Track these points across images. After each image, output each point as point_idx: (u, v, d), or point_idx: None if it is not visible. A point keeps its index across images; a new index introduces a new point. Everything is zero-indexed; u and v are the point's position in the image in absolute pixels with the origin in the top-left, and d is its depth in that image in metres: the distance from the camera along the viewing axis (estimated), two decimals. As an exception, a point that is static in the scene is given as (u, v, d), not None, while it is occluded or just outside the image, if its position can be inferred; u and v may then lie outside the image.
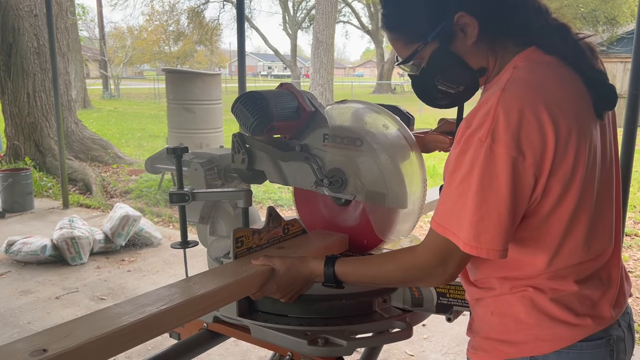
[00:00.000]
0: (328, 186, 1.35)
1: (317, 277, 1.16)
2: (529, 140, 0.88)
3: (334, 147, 1.35)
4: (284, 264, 1.18)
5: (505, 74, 0.98)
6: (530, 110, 0.89)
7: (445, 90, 1.06)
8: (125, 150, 9.10)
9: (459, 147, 0.93)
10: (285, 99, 1.39)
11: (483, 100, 0.95)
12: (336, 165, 1.35)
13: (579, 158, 0.93)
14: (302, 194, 1.51)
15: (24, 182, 5.71)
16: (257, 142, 1.44)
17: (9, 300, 3.49)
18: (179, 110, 5.72)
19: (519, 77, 0.94)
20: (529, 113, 0.89)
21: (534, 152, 0.89)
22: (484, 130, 0.89)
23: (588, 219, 0.99)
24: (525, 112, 0.89)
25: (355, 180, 1.34)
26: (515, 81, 0.94)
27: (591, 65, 1.01)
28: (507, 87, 0.92)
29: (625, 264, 4.17)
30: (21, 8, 6.80)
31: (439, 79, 1.05)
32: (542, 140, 0.89)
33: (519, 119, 0.89)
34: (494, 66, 1.03)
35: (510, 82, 0.94)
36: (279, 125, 1.37)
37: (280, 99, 1.38)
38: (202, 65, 34.46)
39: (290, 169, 1.42)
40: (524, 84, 0.93)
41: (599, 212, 1.01)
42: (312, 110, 1.41)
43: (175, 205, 1.45)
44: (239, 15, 4.16)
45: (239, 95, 1.43)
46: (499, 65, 1.03)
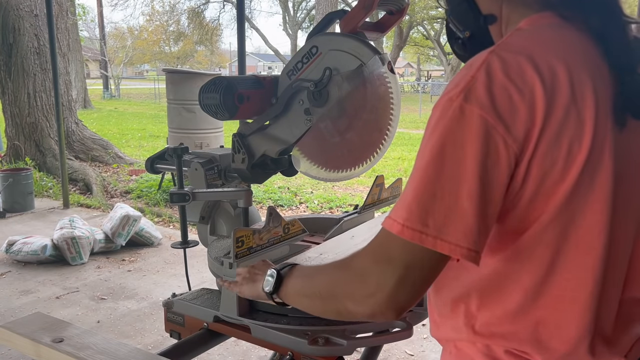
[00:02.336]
0: (315, 100, 1.34)
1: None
2: (512, 112, 0.68)
3: (302, 72, 1.36)
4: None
5: (506, 37, 0.80)
6: (520, 82, 0.69)
7: (455, 32, 0.92)
8: (126, 150, 9.11)
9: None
10: (240, 77, 1.42)
11: (468, 62, 0.77)
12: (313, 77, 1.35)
13: (574, 155, 0.70)
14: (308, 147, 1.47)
15: (25, 182, 5.71)
16: (245, 125, 1.44)
17: (9, 300, 3.49)
18: (179, 110, 5.72)
19: (513, 44, 0.75)
20: (517, 85, 0.69)
21: (517, 126, 0.68)
22: (457, 89, 0.70)
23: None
24: (514, 81, 0.69)
25: (335, 79, 1.33)
26: (508, 47, 0.74)
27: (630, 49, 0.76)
28: (496, 51, 0.73)
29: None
30: (21, 8, 6.80)
31: (450, 14, 0.93)
32: (529, 118, 0.69)
33: (504, 84, 0.69)
34: (506, 20, 0.85)
35: (501, 46, 0.74)
36: (247, 93, 1.38)
37: (235, 77, 1.41)
38: (203, 66, 34.47)
39: (282, 127, 1.41)
40: (516, 53, 0.72)
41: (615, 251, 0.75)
42: (271, 77, 1.43)
43: (176, 205, 1.45)
44: (239, 16, 4.16)
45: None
46: (510, 26, 0.85)
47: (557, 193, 0.71)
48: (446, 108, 0.70)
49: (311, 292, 0.92)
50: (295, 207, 5.92)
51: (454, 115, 0.69)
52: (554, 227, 0.72)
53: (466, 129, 0.68)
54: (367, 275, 0.75)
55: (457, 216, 0.68)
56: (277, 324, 1.26)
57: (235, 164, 1.48)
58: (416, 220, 0.69)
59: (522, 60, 0.71)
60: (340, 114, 1.43)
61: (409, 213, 0.70)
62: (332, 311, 0.88)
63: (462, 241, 0.68)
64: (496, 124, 0.68)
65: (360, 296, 0.77)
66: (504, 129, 0.68)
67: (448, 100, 0.70)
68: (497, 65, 0.71)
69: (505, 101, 0.68)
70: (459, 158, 0.68)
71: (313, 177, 1.48)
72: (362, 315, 0.80)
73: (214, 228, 1.64)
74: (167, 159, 1.66)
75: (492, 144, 0.68)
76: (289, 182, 6.72)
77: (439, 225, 0.68)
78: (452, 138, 0.69)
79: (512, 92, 0.69)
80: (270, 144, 1.43)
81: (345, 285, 0.81)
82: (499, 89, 0.69)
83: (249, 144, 1.44)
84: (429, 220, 0.69)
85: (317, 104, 1.34)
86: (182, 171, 1.49)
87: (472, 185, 0.68)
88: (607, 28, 0.76)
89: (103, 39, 26.58)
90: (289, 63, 1.38)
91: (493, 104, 0.68)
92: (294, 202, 6.04)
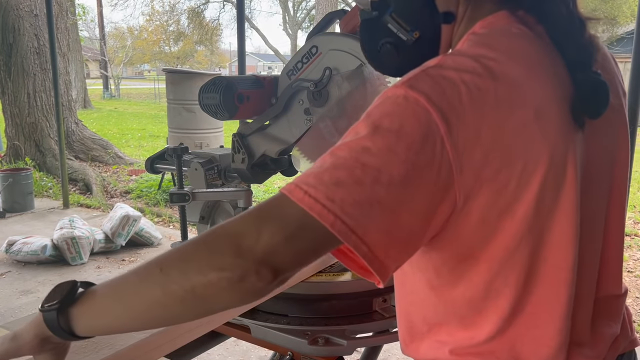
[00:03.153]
0: (315, 100, 1.33)
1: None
2: (458, 115, 0.60)
3: (301, 72, 1.36)
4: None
5: (459, 44, 0.73)
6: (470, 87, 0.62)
7: (396, 32, 0.77)
8: (126, 150, 9.10)
9: None
10: (240, 77, 1.42)
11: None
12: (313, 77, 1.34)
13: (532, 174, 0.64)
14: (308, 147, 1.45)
15: (24, 182, 5.71)
16: (245, 125, 1.44)
17: (9, 300, 3.49)
18: (179, 110, 5.72)
19: (467, 50, 0.69)
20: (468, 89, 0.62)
21: (458, 133, 0.60)
22: (404, 79, 0.64)
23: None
24: (464, 85, 0.62)
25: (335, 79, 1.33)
26: (466, 48, 0.70)
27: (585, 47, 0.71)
28: (450, 54, 0.68)
29: (625, 264, 4.18)
30: (21, 8, 6.80)
31: (392, 12, 0.78)
32: (475, 127, 0.61)
33: (454, 84, 0.62)
34: (461, 20, 0.77)
35: (455, 51, 0.70)
36: (247, 93, 1.38)
37: (234, 77, 1.41)
38: (202, 66, 34.45)
39: (281, 127, 1.41)
40: (476, 49, 0.68)
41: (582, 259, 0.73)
42: (271, 77, 1.42)
43: (176, 205, 1.45)
44: (239, 15, 4.16)
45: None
46: (469, 25, 0.76)
47: (515, 214, 0.64)
48: (388, 94, 0.63)
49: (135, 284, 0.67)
50: (295, 207, 5.91)
51: (396, 101, 0.62)
52: (522, 249, 0.67)
53: (407, 115, 0.60)
54: (241, 233, 0.61)
55: (369, 204, 0.58)
56: (277, 324, 1.26)
57: (235, 164, 1.48)
58: (324, 190, 0.59)
59: (477, 67, 0.64)
60: (340, 114, 1.43)
61: (317, 181, 0.60)
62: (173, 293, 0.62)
63: (368, 239, 0.59)
64: (439, 121, 0.60)
65: (225, 259, 0.60)
66: (446, 130, 0.60)
67: (392, 88, 0.63)
68: (452, 64, 0.65)
69: (453, 100, 0.61)
70: (389, 142, 0.59)
71: (313, 176, 1.47)
72: (225, 283, 0.60)
73: (214, 228, 1.63)
74: (167, 159, 1.66)
75: (430, 140, 0.59)
76: (288, 182, 6.71)
77: (346, 203, 0.58)
78: (388, 120, 0.61)
79: (462, 93, 0.62)
80: (270, 144, 1.43)
81: (198, 253, 0.63)
82: (450, 86, 0.62)
83: (249, 144, 1.44)
84: (337, 195, 0.58)
85: (317, 103, 1.34)
86: (182, 171, 1.49)
87: (396, 175, 0.59)
88: (561, 27, 0.71)
89: (103, 39, 26.58)
90: (288, 63, 1.38)
91: (441, 99, 0.61)
92: (293, 202, 6.03)
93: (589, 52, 0.70)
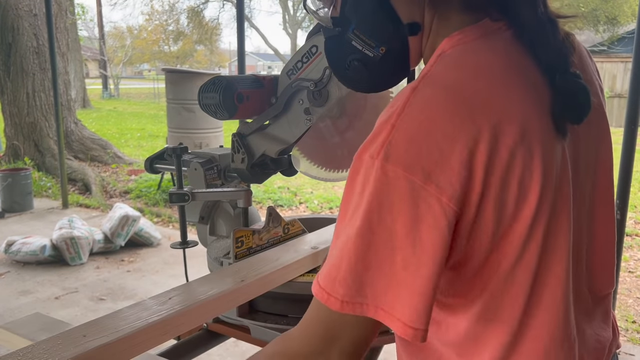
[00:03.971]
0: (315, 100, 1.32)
1: None
2: (443, 164, 0.59)
3: (301, 72, 1.35)
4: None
5: (428, 64, 0.69)
6: (448, 129, 0.60)
7: (362, 50, 0.75)
8: (125, 150, 9.10)
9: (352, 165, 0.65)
10: (240, 76, 1.41)
11: (393, 100, 0.67)
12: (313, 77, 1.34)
13: (526, 192, 0.63)
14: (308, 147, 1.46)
15: (24, 182, 5.70)
16: (245, 125, 1.44)
17: (8, 301, 3.49)
18: (178, 110, 5.71)
19: (439, 77, 0.66)
20: (446, 132, 0.60)
21: (451, 182, 0.59)
22: (377, 143, 0.61)
23: (562, 278, 0.67)
24: (441, 129, 0.60)
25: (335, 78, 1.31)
26: (433, 81, 0.65)
27: (559, 49, 0.68)
28: (420, 87, 0.64)
29: (626, 264, 4.18)
30: (20, 8, 6.79)
31: (354, 29, 0.75)
32: (464, 169, 0.59)
33: (429, 134, 0.60)
34: (429, 29, 0.73)
35: (425, 80, 0.65)
36: (247, 92, 1.37)
37: (234, 76, 1.40)
38: (202, 65, 34.43)
39: (281, 127, 1.41)
40: (442, 90, 0.63)
41: (578, 258, 0.73)
42: (271, 77, 1.42)
43: (175, 205, 1.44)
44: (238, 15, 4.15)
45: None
46: (438, 39, 0.72)
47: (514, 234, 0.63)
48: (369, 168, 0.61)
49: None
50: (295, 207, 5.91)
51: (377, 178, 0.60)
52: (522, 269, 0.65)
53: (392, 194, 0.59)
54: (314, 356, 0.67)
55: (395, 287, 0.61)
56: (277, 325, 1.26)
57: (234, 163, 1.47)
58: (355, 293, 0.62)
59: (449, 102, 0.62)
60: (340, 114, 1.43)
61: (346, 288, 0.62)
62: None
63: (400, 315, 0.61)
64: (425, 184, 0.58)
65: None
66: (435, 188, 0.59)
67: (369, 159, 0.61)
68: (420, 112, 0.61)
69: (433, 157, 0.59)
70: (388, 226, 0.60)
71: (313, 177, 1.47)
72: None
73: (214, 228, 1.63)
74: (166, 159, 1.66)
75: (424, 207, 0.59)
76: (288, 182, 6.71)
77: (378, 294, 0.61)
78: (378, 204, 0.60)
79: (441, 145, 0.59)
80: (269, 143, 1.42)
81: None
82: (424, 142, 0.59)
83: (249, 144, 1.44)
84: (367, 290, 0.61)
85: (317, 103, 1.33)
86: (181, 171, 1.49)
87: (406, 254, 0.60)
88: (531, 31, 0.68)
89: (102, 39, 26.56)
90: (288, 62, 1.37)
91: (419, 160, 0.59)
92: (293, 202, 6.04)
93: (564, 54, 0.68)
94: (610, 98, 13.21)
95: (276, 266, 1.26)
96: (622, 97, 12.89)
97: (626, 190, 2.82)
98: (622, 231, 2.89)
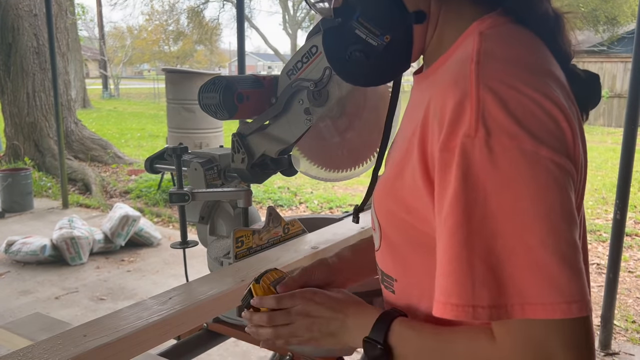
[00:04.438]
0: (315, 100, 1.32)
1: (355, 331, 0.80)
2: (542, 125, 0.58)
3: (301, 71, 1.35)
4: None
5: (466, 44, 0.68)
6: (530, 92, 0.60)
7: (365, 39, 0.73)
8: (125, 150, 9.10)
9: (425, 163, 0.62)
10: (240, 76, 1.41)
11: (438, 87, 0.65)
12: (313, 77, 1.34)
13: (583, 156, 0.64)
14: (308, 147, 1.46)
15: (24, 182, 5.70)
16: (245, 125, 1.44)
17: (8, 301, 3.49)
18: (178, 110, 5.71)
19: (497, 50, 0.65)
20: (529, 95, 0.59)
21: (557, 141, 0.58)
22: (467, 121, 0.58)
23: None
24: (525, 93, 0.59)
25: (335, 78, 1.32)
26: (493, 54, 0.64)
27: (567, 42, 0.72)
28: (482, 61, 0.62)
29: (626, 264, 4.18)
30: (21, 8, 6.80)
31: (358, 17, 0.73)
32: (557, 127, 0.59)
33: (517, 99, 0.58)
34: (436, 20, 0.73)
35: (485, 55, 0.63)
36: (247, 92, 1.37)
37: (234, 76, 1.40)
38: (202, 65, 34.43)
39: (281, 127, 1.41)
40: (506, 60, 0.63)
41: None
42: (271, 77, 1.42)
43: (175, 205, 1.44)
44: (238, 15, 4.15)
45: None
46: (447, 29, 0.72)
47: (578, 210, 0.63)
48: (468, 149, 0.57)
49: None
50: (295, 207, 5.91)
51: (483, 157, 0.56)
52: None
53: (506, 169, 0.56)
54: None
55: (539, 272, 0.55)
56: (277, 325, 1.25)
57: (234, 163, 1.47)
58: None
59: (521, 66, 0.63)
60: (341, 114, 1.43)
61: (488, 289, 0.56)
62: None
63: (559, 297, 0.55)
64: (537, 149, 0.56)
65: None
66: (547, 150, 0.57)
67: (466, 139, 0.57)
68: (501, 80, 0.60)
69: (528, 117, 0.58)
70: (511, 208, 0.56)
71: (313, 177, 1.47)
72: None
73: (214, 228, 1.63)
74: (166, 159, 1.66)
75: (543, 172, 0.56)
76: (288, 182, 6.71)
77: (521, 289, 0.56)
78: (493, 186, 0.56)
79: (530, 105, 0.59)
80: (269, 143, 1.43)
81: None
82: (517, 107, 0.58)
83: (249, 144, 1.44)
84: (508, 288, 0.56)
85: (317, 103, 1.33)
86: (181, 171, 1.49)
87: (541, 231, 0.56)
88: (543, 24, 0.70)
89: (102, 39, 26.56)
90: (288, 62, 1.37)
91: (520, 125, 0.57)
92: (293, 202, 6.04)
93: (571, 46, 0.71)
94: (610, 98, 13.21)
95: (276, 266, 1.26)
96: (622, 97, 12.88)
97: (626, 190, 2.82)
98: (622, 231, 2.88)
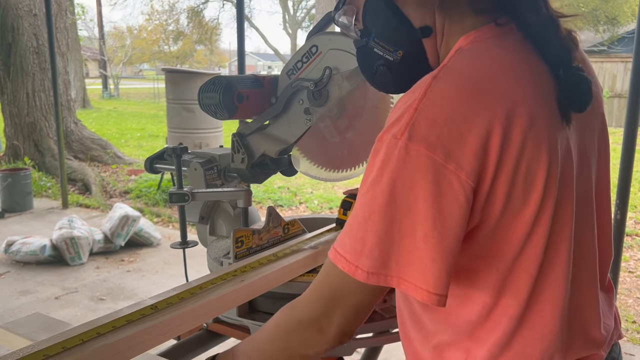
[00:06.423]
0: (315, 100, 1.33)
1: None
2: (462, 144, 0.65)
3: (301, 71, 1.35)
4: None
5: (447, 58, 0.76)
6: (467, 112, 0.66)
7: (383, 55, 0.83)
8: (125, 150, 9.10)
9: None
10: (240, 76, 1.41)
11: (413, 87, 0.74)
12: (313, 76, 1.34)
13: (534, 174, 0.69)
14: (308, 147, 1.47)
15: (23, 182, 5.70)
16: (245, 125, 1.44)
17: (8, 301, 3.49)
18: (178, 110, 5.71)
19: (458, 67, 0.72)
20: (465, 114, 0.66)
21: (469, 161, 0.65)
22: (401, 125, 0.66)
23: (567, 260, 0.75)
24: (460, 112, 0.66)
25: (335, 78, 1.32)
26: (452, 71, 0.71)
27: (561, 46, 0.76)
28: (440, 76, 0.70)
29: (626, 264, 4.18)
30: (20, 7, 6.80)
31: (374, 38, 0.83)
32: (481, 148, 0.65)
33: (450, 116, 0.66)
34: (441, 32, 0.80)
35: (445, 70, 0.71)
36: (247, 92, 1.37)
37: (234, 76, 1.40)
38: (202, 65, 34.44)
39: (281, 127, 1.41)
40: (461, 78, 0.70)
41: (580, 248, 0.78)
42: (271, 77, 1.42)
43: (175, 205, 1.44)
44: (238, 15, 4.15)
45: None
46: (451, 39, 0.79)
47: (524, 216, 0.69)
48: (391, 147, 0.66)
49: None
50: (295, 207, 5.91)
51: (400, 156, 0.65)
52: (532, 245, 0.71)
53: (415, 171, 0.64)
54: (325, 323, 0.76)
55: (417, 259, 0.66)
56: (277, 325, 1.25)
57: (234, 163, 1.47)
58: (380, 266, 0.67)
59: (468, 88, 0.68)
60: (341, 114, 1.43)
61: (372, 260, 0.67)
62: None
63: (423, 284, 0.66)
64: (446, 162, 0.64)
65: (320, 342, 0.78)
66: (455, 166, 0.64)
67: (392, 139, 0.66)
68: (443, 96, 0.68)
69: (453, 137, 0.65)
70: (410, 202, 0.65)
71: (313, 177, 1.47)
72: (320, 355, 0.81)
73: (214, 228, 1.63)
74: (166, 159, 1.66)
75: (445, 183, 0.64)
76: (288, 182, 6.71)
77: (401, 266, 0.67)
78: (401, 181, 0.65)
79: (461, 127, 0.65)
80: (269, 143, 1.43)
81: (302, 341, 0.79)
82: (445, 123, 0.65)
83: (249, 144, 1.44)
84: (391, 263, 0.67)
85: (317, 103, 1.34)
86: (181, 171, 1.48)
87: (427, 228, 0.65)
88: (537, 31, 0.76)
89: (102, 39, 26.55)
90: (288, 62, 1.37)
91: (440, 140, 0.64)
92: (293, 202, 6.04)
93: (567, 50, 0.75)
94: (610, 98, 13.20)
95: (276, 266, 1.26)
96: (622, 97, 12.89)
97: (626, 190, 2.82)
98: (622, 231, 2.88)
